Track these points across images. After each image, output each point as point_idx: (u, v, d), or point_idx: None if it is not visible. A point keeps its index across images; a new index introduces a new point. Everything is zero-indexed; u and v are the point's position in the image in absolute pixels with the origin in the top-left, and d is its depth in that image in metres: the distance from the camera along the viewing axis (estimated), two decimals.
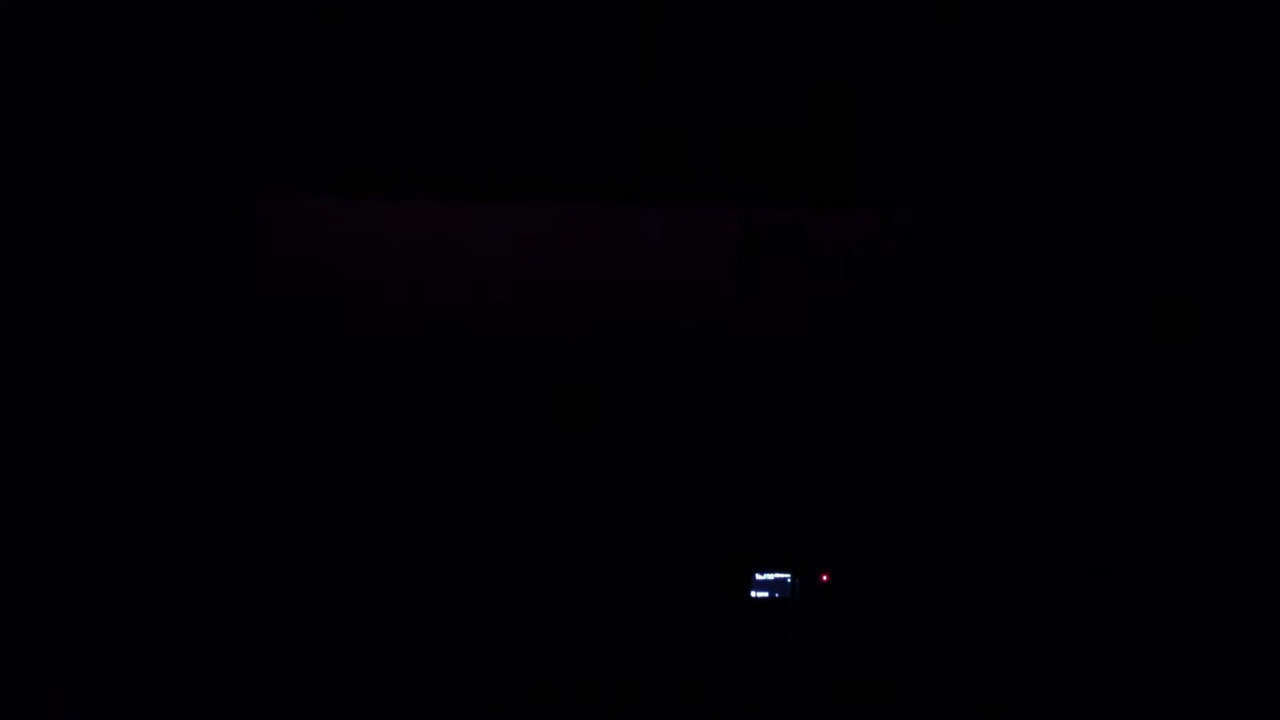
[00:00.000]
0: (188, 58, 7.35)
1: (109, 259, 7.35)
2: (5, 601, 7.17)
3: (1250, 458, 7.34)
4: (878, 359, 7.48)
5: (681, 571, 7.30)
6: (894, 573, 7.31)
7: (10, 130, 7.32)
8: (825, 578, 7.30)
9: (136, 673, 7.09)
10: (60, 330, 7.34)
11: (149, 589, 7.20)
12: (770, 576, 7.28)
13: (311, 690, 7.06)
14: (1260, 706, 7.01)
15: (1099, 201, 7.43)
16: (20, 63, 7.31)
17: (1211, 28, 7.34)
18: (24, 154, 7.34)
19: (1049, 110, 7.41)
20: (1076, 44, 7.37)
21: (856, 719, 7.02)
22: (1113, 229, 7.43)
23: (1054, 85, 7.40)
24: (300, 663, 7.15)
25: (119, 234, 7.36)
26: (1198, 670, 7.12)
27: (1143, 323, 7.40)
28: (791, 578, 7.29)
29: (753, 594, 7.27)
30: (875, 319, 7.49)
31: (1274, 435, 7.35)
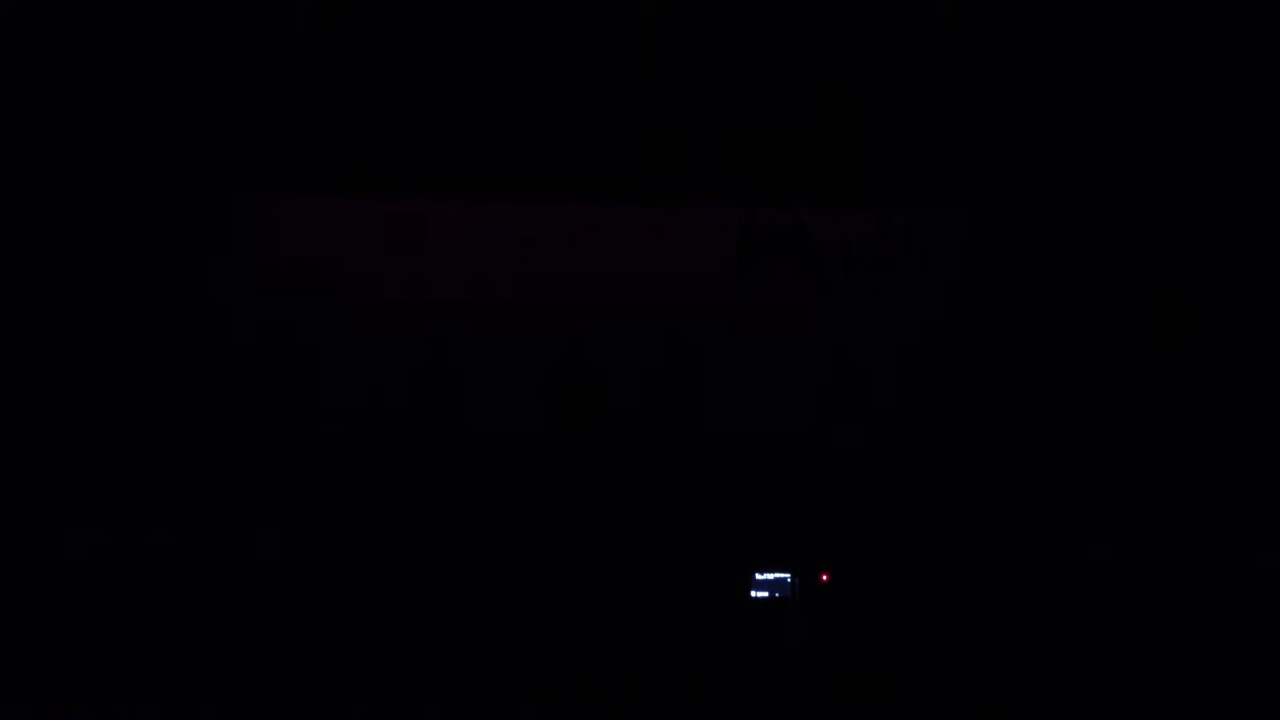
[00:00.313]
0: (188, 58, 7.35)
1: (110, 259, 7.35)
2: (5, 601, 7.17)
3: (1250, 458, 7.34)
4: (878, 359, 7.48)
5: (681, 571, 7.30)
6: (894, 573, 7.31)
7: (10, 130, 7.32)
8: (825, 578, 7.30)
9: (136, 673, 7.09)
10: (61, 330, 7.34)
11: (149, 589, 7.20)
12: (770, 576, 7.28)
13: (311, 690, 7.06)
14: (1260, 706, 7.01)
15: (1099, 201, 7.43)
16: (20, 63, 7.31)
17: (1211, 28, 7.34)
18: (24, 154, 7.33)
19: (1049, 110, 7.41)
20: (1076, 44, 7.37)
21: (856, 719, 7.02)
22: (1112, 229, 7.43)
23: (1054, 85, 7.40)
24: (300, 663, 7.15)
25: (120, 234, 7.36)
26: (1198, 670, 7.12)
27: (1143, 323, 7.40)
28: (791, 578, 7.29)
29: (753, 594, 7.27)
30: (875, 319, 7.49)
31: (1274, 435, 7.35)
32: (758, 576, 7.28)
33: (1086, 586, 7.25)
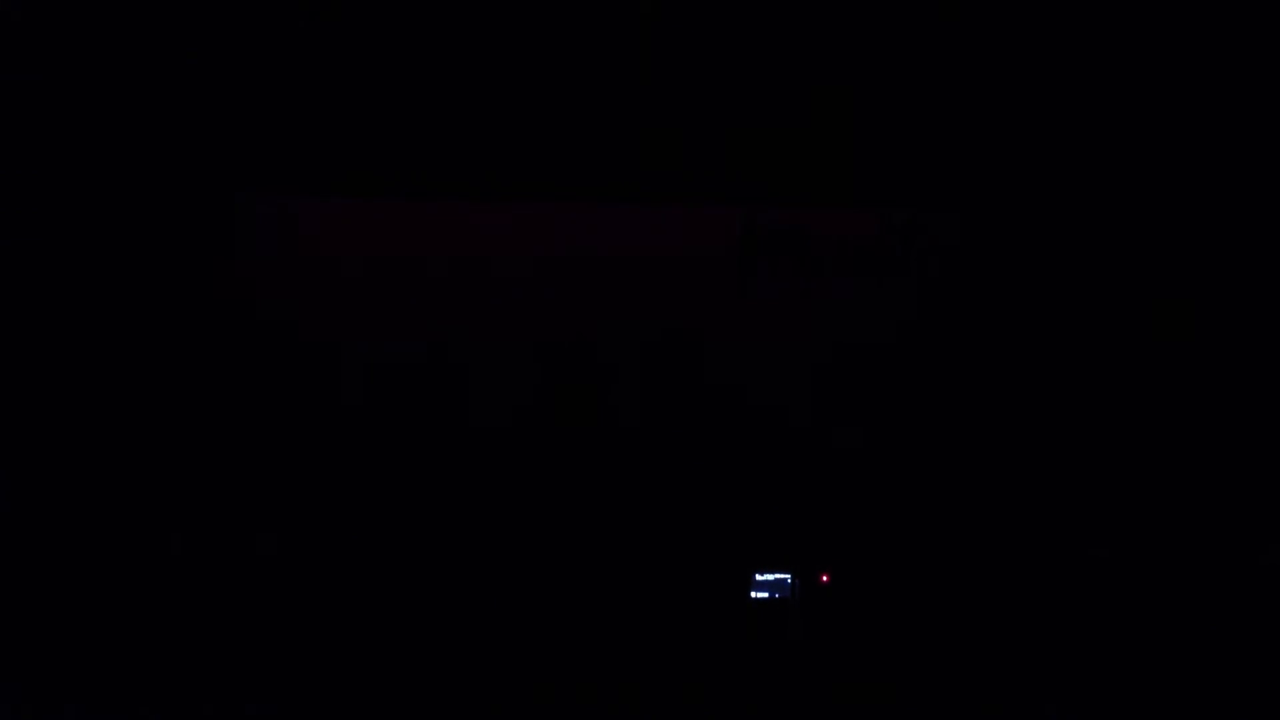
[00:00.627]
0: (187, 58, 7.35)
1: (109, 259, 7.35)
2: (5, 601, 7.17)
3: (1250, 458, 7.34)
4: (878, 359, 7.48)
5: (681, 571, 7.30)
6: (894, 573, 7.31)
7: (10, 130, 7.32)
8: (825, 578, 7.30)
9: (136, 673, 7.09)
10: (61, 330, 7.34)
11: (149, 589, 7.20)
12: (770, 576, 7.28)
13: (311, 690, 7.06)
14: (1260, 706, 7.01)
15: (1098, 201, 7.43)
16: (20, 63, 7.30)
17: (1211, 28, 7.34)
18: (24, 154, 7.33)
19: (1048, 110, 7.41)
20: (1076, 44, 7.37)
21: (856, 719, 7.02)
22: (1112, 229, 7.43)
23: (1053, 85, 7.39)
24: (300, 663, 7.15)
25: (119, 234, 7.36)
26: (1198, 670, 7.12)
27: (1143, 322, 7.40)
28: (791, 578, 7.29)
29: (753, 594, 7.27)
30: (875, 319, 7.49)
31: (1274, 435, 7.35)
32: (758, 577, 7.28)
33: (1086, 586, 7.25)
